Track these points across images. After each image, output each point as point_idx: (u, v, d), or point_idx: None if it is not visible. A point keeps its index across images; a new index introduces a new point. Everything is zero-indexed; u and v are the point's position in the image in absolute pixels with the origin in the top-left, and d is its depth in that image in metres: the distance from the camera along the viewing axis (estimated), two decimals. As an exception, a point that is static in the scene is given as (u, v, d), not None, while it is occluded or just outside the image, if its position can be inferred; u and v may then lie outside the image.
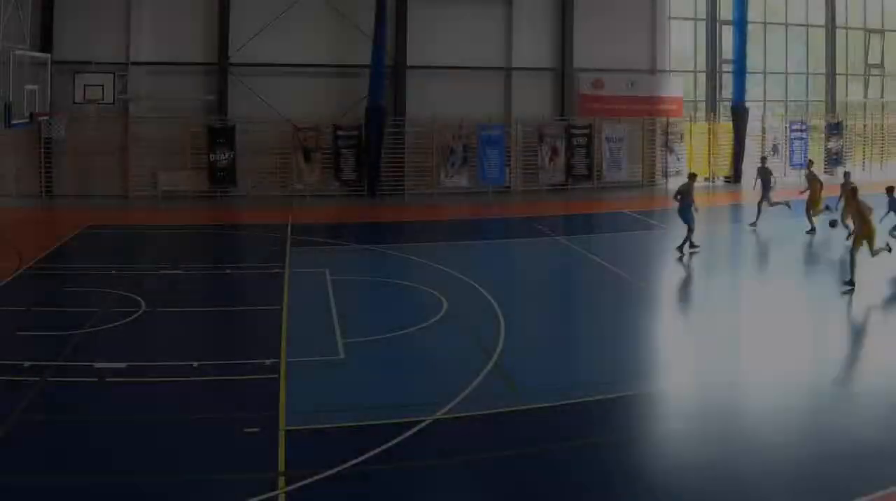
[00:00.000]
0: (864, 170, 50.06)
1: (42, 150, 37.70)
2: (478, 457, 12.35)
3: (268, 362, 16.06)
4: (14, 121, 28.44)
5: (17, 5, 29.09)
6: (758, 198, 32.04)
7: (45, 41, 36.58)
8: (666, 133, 44.47)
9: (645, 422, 14.07)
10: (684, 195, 26.81)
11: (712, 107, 47.45)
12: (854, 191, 23.11)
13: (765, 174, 32.26)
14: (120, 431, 13.00)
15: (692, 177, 27.98)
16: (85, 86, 36.06)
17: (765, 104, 49.45)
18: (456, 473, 12.11)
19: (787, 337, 18.37)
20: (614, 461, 12.25)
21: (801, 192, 30.86)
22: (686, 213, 26.58)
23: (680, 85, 45.87)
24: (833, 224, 28.04)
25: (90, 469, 11.70)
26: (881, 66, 51.22)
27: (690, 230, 26.48)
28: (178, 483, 11.42)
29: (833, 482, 11.42)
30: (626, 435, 13.26)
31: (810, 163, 34.82)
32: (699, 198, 27.74)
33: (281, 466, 11.84)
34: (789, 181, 41.62)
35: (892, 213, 26.87)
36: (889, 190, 27.18)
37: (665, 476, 11.74)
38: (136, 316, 19.31)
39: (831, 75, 50.26)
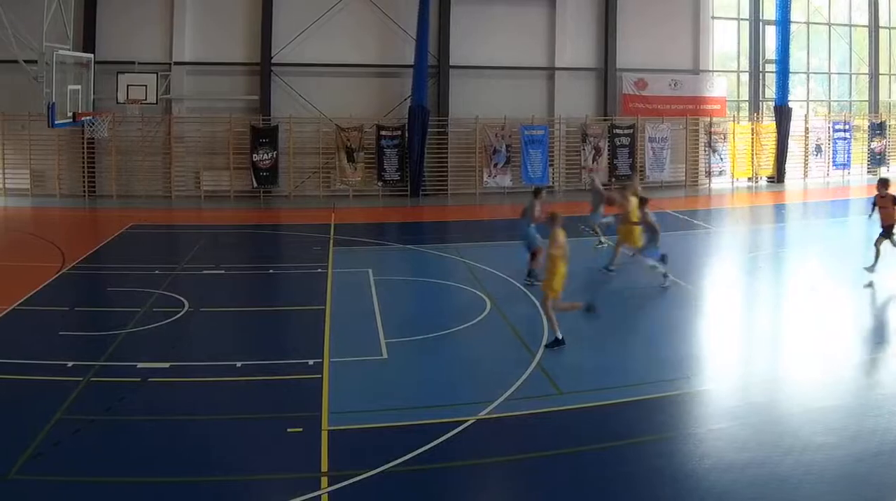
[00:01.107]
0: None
1: (85, 150, 38.05)
2: (521, 458, 12.29)
3: (311, 362, 16.06)
4: (57, 121, 28.61)
5: (60, 5, 29.23)
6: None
7: (88, 41, 37.04)
8: (709, 133, 44.16)
9: (687, 422, 13.84)
10: (526, 213, 23.18)
11: (755, 108, 47.15)
12: (553, 217, 17.48)
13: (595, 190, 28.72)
14: (163, 431, 13.03)
15: (536, 192, 23.83)
16: (128, 86, 36.35)
17: (808, 104, 49.11)
18: (499, 473, 12.09)
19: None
20: (657, 461, 12.11)
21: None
22: (526, 234, 23.13)
23: (723, 85, 45.50)
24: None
25: (133, 469, 11.71)
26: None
27: (532, 256, 22.69)
28: (222, 483, 11.41)
29: (875, 481, 11.28)
30: (668, 436, 13.11)
31: (636, 173, 29.61)
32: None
33: (324, 466, 11.81)
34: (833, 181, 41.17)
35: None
36: (642, 202, 23.47)
37: (708, 476, 11.58)
38: (179, 316, 19.37)
39: (874, 75, 49.79)
